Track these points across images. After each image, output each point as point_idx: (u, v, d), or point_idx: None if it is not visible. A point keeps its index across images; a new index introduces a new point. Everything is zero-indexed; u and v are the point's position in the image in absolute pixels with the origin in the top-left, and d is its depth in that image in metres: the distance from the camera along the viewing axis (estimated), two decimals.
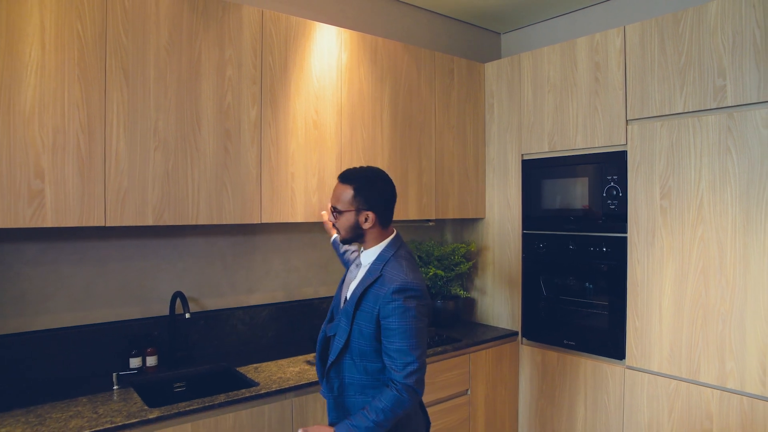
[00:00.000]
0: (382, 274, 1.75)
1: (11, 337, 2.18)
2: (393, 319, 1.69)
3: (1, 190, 1.86)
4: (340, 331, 1.80)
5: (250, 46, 2.39)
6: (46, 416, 1.90)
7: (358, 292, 1.77)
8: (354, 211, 1.79)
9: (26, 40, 1.90)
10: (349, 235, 1.84)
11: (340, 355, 1.79)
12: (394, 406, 1.66)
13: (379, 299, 1.72)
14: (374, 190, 1.80)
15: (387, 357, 1.71)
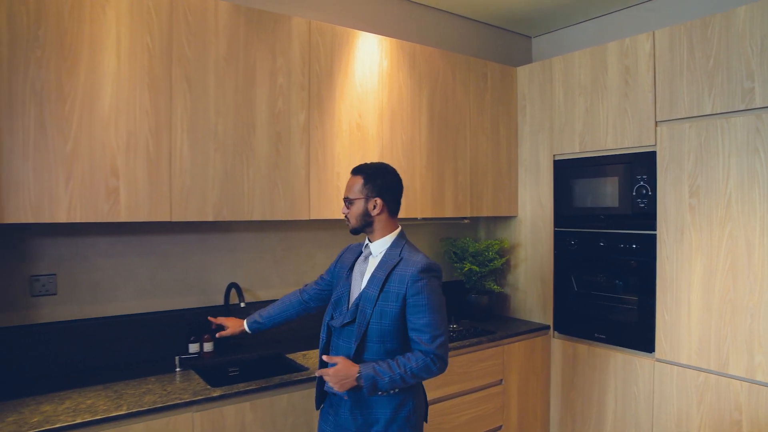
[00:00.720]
0: (402, 257, 1.89)
1: (87, 321, 2.40)
2: (422, 296, 1.82)
3: (83, 187, 2.07)
4: (360, 316, 1.88)
5: (298, 55, 2.57)
6: (122, 392, 2.11)
7: (382, 275, 1.88)
8: (363, 198, 1.92)
9: (105, 53, 2.11)
10: (359, 223, 1.95)
11: (362, 339, 1.87)
12: (421, 370, 1.80)
13: (406, 279, 1.84)
14: (382, 179, 1.94)
15: (415, 332, 1.84)
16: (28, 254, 2.29)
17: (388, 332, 1.86)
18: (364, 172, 1.95)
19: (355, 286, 1.98)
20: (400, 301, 1.84)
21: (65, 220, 2.04)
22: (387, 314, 1.85)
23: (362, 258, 2.01)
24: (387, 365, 1.80)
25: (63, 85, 2.03)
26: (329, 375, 1.81)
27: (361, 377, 1.78)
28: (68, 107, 2.04)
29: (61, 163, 2.03)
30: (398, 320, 1.85)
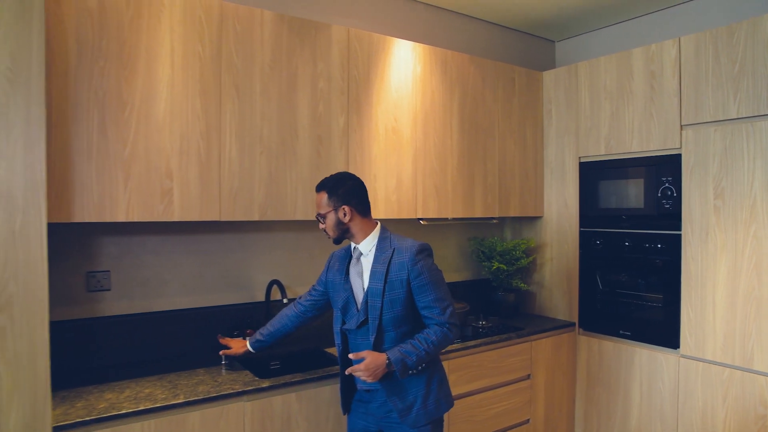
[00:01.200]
0: (394, 248, 2.05)
1: (138, 316, 2.52)
2: (423, 276, 2.00)
3: (141, 188, 2.19)
4: (372, 310, 2.03)
5: (338, 61, 2.68)
6: (176, 382, 2.23)
7: (383, 268, 2.03)
8: (333, 210, 2.06)
9: (160, 61, 2.23)
10: (336, 234, 2.09)
11: (379, 331, 2.03)
12: (441, 341, 1.99)
13: (405, 265, 2.01)
14: (343, 188, 2.07)
15: (426, 309, 2.02)
16: (85, 251, 2.42)
17: (401, 317, 2.03)
18: (325, 186, 2.08)
19: (357, 286, 2.11)
20: (405, 286, 2.01)
21: (124, 220, 2.16)
22: (397, 301, 2.02)
23: (354, 260, 2.14)
24: (410, 345, 1.97)
25: (122, 92, 2.15)
26: (361, 370, 1.93)
27: (391, 362, 1.93)
28: (127, 113, 2.16)
29: (121, 166, 2.15)
30: (407, 304, 2.03)
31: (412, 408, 2.03)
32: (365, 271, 2.10)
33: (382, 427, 2.13)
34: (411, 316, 2.06)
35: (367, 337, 2.05)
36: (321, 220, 2.10)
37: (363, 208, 2.10)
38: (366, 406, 2.14)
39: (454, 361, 2.79)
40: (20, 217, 1.76)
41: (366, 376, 1.93)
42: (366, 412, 2.15)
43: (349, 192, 2.07)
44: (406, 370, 1.95)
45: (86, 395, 2.08)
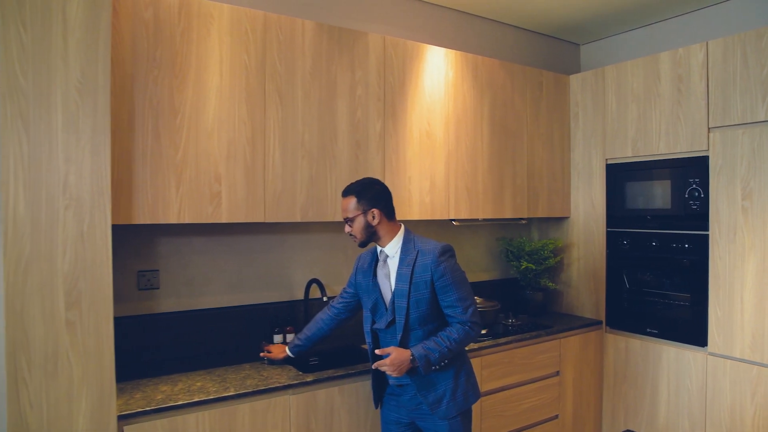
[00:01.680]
0: (418, 250, 2.13)
1: (185, 313, 2.64)
2: (446, 276, 2.08)
3: (191, 191, 2.30)
4: (399, 310, 2.13)
5: (375, 68, 2.78)
6: (224, 376, 2.34)
7: (408, 270, 2.11)
8: (362, 213, 2.13)
9: (209, 71, 2.34)
10: (364, 237, 2.17)
11: (405, 330, 2.12)
12: (463, 338, 2.09)
13: (428, 266, 2.08)
14: (372, 192, 2.15)
15: (449, 308, 2.10)
16: (136, 252, 2.54)
17: (426, 316, 2.12)
18: (353, 191, 2.16)
19: (385, 288, 2.21)
20: (429, 287, 2.10)
21: (176, 221, 2.28)
22: (422, 301, 2.10)
23: (381, 263, 2.23)
24: (433, 342, 2.06)
25: (174, 100, 2.27)
26: (386, 365, 2.04)
27: (415, 358, 2.03)
28: (179, 120, 2.28)
29: (173, 170, 2.27)
30: (432, 304, 2.12)
31: (441, 401, 2.12)
32: (392, 272, 2.18)
33: (413, 418, 2.23)
34: (436, 315, 2.15)
35: (395, 335, 2.15)
36: (349, 223, 2.18)
37: (389, 211, 2.19)
38: (398, 399, 2.25)
39: (486, 357, 2.88)
40: (88, 219, 1.88)
41: (391, 370, 2.04)
42: (398, 404, 2.26)
43: (376, 196, 2.16)
44: (429, 366, 2.05)
45: (143, 387, 2.20)
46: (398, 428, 2.28)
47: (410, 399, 2.20)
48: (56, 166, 1.83)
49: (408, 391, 2.20)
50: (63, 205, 1.84)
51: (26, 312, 1.78)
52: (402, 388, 2.21)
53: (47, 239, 1.82)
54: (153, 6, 2.21)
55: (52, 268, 1.83)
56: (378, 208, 2.15)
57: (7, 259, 1.76)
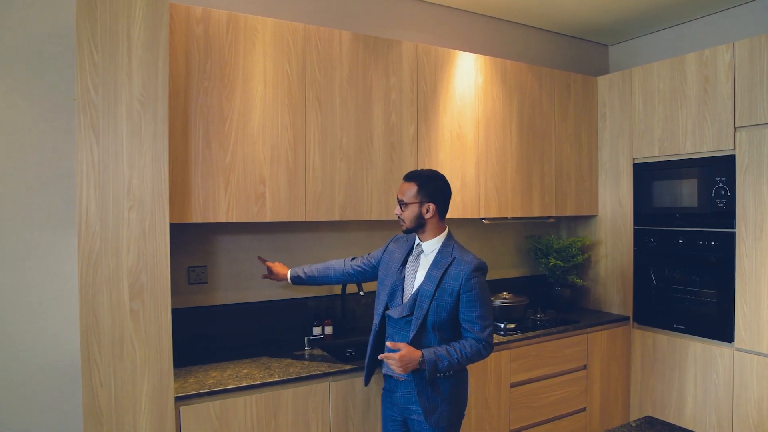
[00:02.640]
0: (455, 257, 2.14)
1: (230, 306, 2.83)
2: (474, 292, 2.09)
3: (238, 193, 2.49)
4: (418, 309, 2.12)
5: (408, 74, 2.93)
6: (268, 364, 2.52)
7: (438, 273, 2.12)
8: (417, 203, 2.15)
9: (254, 80, 2.52)
10: (412, 225, 2.18)
11: (420, 329, 2.12)
12: (474, 355, 2.09)
13: (461, 277, 2.09)
14: (434, 186, 2.17)
15: (468, 323, 2.11)
16: (185, 249, 2.74)
17: (444, 323, 2.13)
18: (418, 178, 2.18)
19: (408, 280, 2.22)
20: (455, 296, 2.10)
21: (224, 220, 2.47)
22: (443, 307, 2.11)
23: (414, 255, 2.24)
24: (445, 350, 2.07)
25: (223, 108, 2.46)
26: (395, 359, 2.03)
27: (425, 361, 2.04)
28: (227, 126, 2.46)
29: (221, 173, 2.45)
30: (453, 312, 2.12)
31: (437, 409, 2.13)
32: (421, 269, 2.20)
33: (405, 415, 2.25)
34: (453, 325, 2.16)
35: (407, 330, 2.16)
36: (402, 207, 2.19)
37: (443, 210, 2.21)
38: (391, 395, 2.27)
39: (514, 350, 3.00)
40: (149, 218, 2.08)
41: (397, 366, 2.04)
42: (391, 402, 2.28)
43: (438, 191, 2.18)
44: (435, 373, 2.07)
45: (195, 373, 2.39)
46: (394, 425, 2.30)
47: (402, 397, 2.21)
48: (121, 171, 2.03)
49: (401, 388, 2.21)
50: (127, 206, 2.04)
51: (97, 301, 1.99)
52: (395, 382, 2.24)
53: (114, 237, 2.02)
54: (203, 22, 2.40)
55: (118, 262, 2.03)
56: (435, 203, 2.16)
57: (80, 254, 1.97)
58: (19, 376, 2.39)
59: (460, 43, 3.58)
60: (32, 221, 2.41)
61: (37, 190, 2.42)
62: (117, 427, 2.02)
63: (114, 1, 2.01)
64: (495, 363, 2.93)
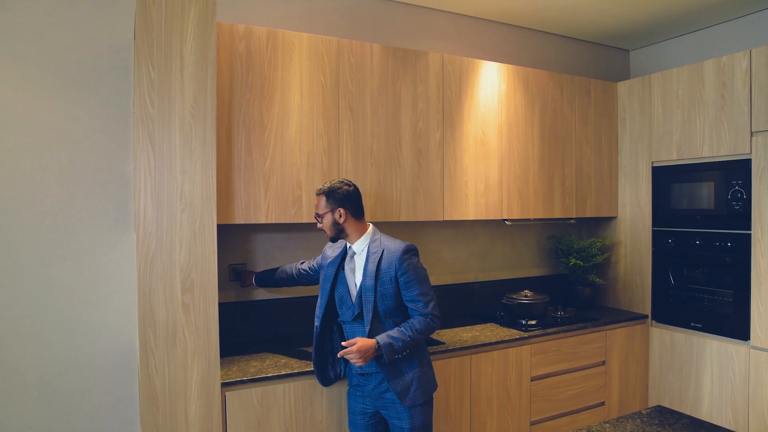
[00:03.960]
0: (384, 248, 2.32)
1: (268, 301, 3.04)
2: (410, 273, 2.28)
3: (277, 196, 2.68)
4: (366, 303, 2.30)
5: (434, 84, 3.10)
6: (305, 355, 2.72)
7: (374, 267, 2.29)
8: (330, 212, 2.35)
9: (292, 91, 2.72)
10: (333, 233, 2.38)
11: (373, 322, 2.29)
12: (424, 328, 2.27)
13: (393, 263, 2.28)
14: (339, 193, 2.34)
15: (412, 302, 2.30)
16: (227, 247, 2.95)
17: (392, 309, 2.32)
18: (323, 191, 2.37)
19: (350, 282, 2.40)
20: (394, 282, 2.29)
21: (264, 222, 2.66)
22: (387, 295, 2.30)
23: (348, 258, 2.42)
24: (397, 331, 2.25)
25: (263, 118, 2.65)
26: (353, 353, 2.19)
27: (380, 346, 2.21)
28: (267, 135, 2.66)
29: (262, 178, 2.65)
30: (397, 298, 2.31)
31: (409, 389, 2.29)
32: (358, 268, 2.38)
33: (377, 407, 2.39)
34: (401, 309, 2.34)
35: (363, 328, 2.31)
36: (319, 220, 2.39)
37: (356, 211, 2.38)
38: (362, 389, 2.40)
39: (534, 345, 3.15)
40: (198, 220, 2.29)
41: (357, 357, 2.18)
42: (363, 394, 2.41)
43: (344, 196, 2.35)
44: (393, 354, 2.23)
45: (237, 362, 2.60)
46: (364, 418, 2.42)
47: (374, 388, 2.35)
48: (174, 177, 2.24)
49: (372, 381, 2.35)
50: (180, 209, 2.25)
51: (153, 295, 2.20)
52: (366, 377, 2.37)
53: (168, 237, 2.23)
54: (245, 39, 2.60)
55: (171, 260, 2.24)
56: (345, 207, 2.34)
57: (138, 253, 2.18)
58: (77, 364, 2.62)
59: (484, 51, 3.74)
60: (90, 222, 2.64)
61: (94, 194, 2.65)
62: (170, 409, 2.23)
63: (169, 23, 2.21)
64: (516, 357, 3.08)
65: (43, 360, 2.55)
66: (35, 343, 2.53)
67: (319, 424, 2.54)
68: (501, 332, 3.18)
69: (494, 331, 3.20)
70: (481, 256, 3.75)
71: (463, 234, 3.66)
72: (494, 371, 2.99)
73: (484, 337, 3.07)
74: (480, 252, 3.74)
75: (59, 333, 2.58)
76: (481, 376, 2.97)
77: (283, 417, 2.46)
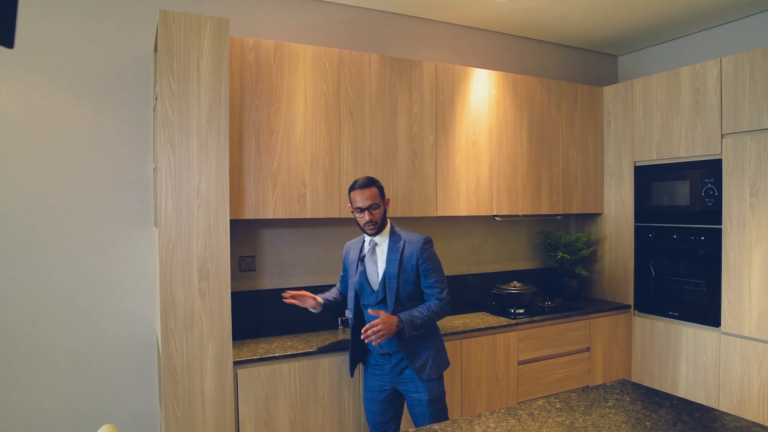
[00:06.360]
0: (404, 240, 2.57)
1: (275, 291, 3.30)
2: (429, 262, 2.55)
3: (284, 194, 2.95)
4: (389, 289, 2.53)
5: (428, 90, 3.36)
6: (308, 339, 2.99)
7: (397, 255, 2.54)
8: (382, 203, 2.57)
9: (297, 98, 2.98)
10: (382, 222, 2.58)
11: (395, 305, 2.52)
12: (440, 311, 2.53)
13: (415, 252, 2.53)
14: (382, 186, 2.60)
15: (429, 288, 2.56)
16: (237, 241, 3.22)
17: (412, 294, 2.56)
18: (375, 183, 2.57)
19: (371, 272, 2.60)
20: (415, 270, 2.55)
21: (272, 217, 2.93)
22: (409, 281, 2.55)
23: (370, 250, 2.62)
24: (416, 311, 2.49)
25: (271, 123, 2.92)
26: (379, 325, 2.38)
27: (402, 321, 2.44)
28: (274, 138, 2.93)
29: (270, 178, 2.92)
30: (417, 284, 2.57)
31: (426, 365, 2.53)
32: (379, 258, 2.59)
33: (395, 384, 2.61)
34: (419, 294, 2.59)
35: (386, 310, 2.53)
36: (372, 211, 2.53)
37: None
38: (381, 368, 2.63)
39: (522, 331, 3.41)
40: (213, 215, 2.56)
41: (383, 328, 2.37)
42: (381, 373, 2.63)
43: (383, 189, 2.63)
44: (412, 329, 2.45)
45: (247, 345, 2.87)
46: (381, 395, 2.64)
47: (393, 366, 2.58)
48: (192, 177, 2.51)
49: (392, 360, 2.58)
50: (197, 205, 2.52)
51: (173, 281, 2.48)
52: (386, 357, 2.59)
53: (186, 230, 2.51)
54: (255, 51, 2.87)
55: (189, 251, 2.52)
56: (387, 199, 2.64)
57: (160, 244, 2.46)
58: (104, 346, 2.90)
59: (475, 58, 3.99)
60: (113, 217, 2.92)
61: (117, 191, 2.93)
62: (189, 384, 2.51)
63: (187, 39, 2.49)
64: (504, 342, 3.34)
65: (74, 342, 2.83)
66: (67, 327, 2.82)
67: (321, 399, 2.81)
68: (490, 319, 3.44)
69: (484, 319, 3.46)
70: (474, 250, 4.01)
71: (458, 229, 3.92)
72: (483, 355, 3.25)
73: (474, 323, 3.33)
74: (473, 246, 4.00)
75: (88, 318, 2.86)
76: (471, 359, 3.23)
77: (288, 392, 2.73)
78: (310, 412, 2.79)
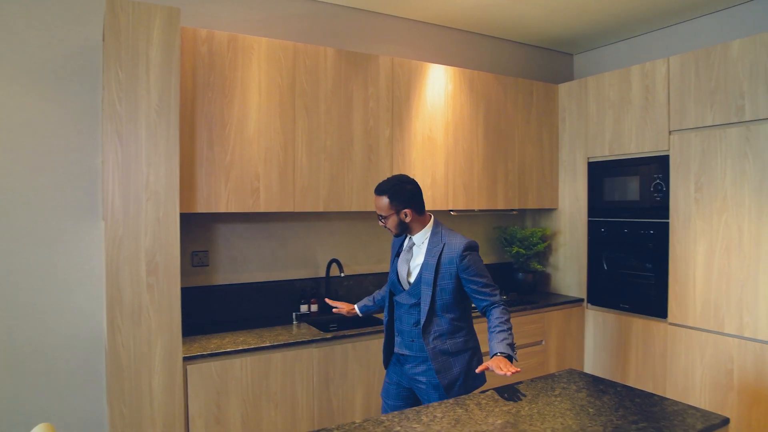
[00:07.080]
0: (445, 243, 2.29)
1: (228, 286, 3.27)
2: (471, 269, 2.26)
3: (236, 187, 2.92)
4: (423, 296, 2.28)
5: (384, 85, 3.36)
6: (261, 334, 2.96)
7: (434, 261, 2.27)
8: (395, 213, 2.31)
9: (251, 91, 2.95)
10: (398, 231, 2.35)
11: (429, 314, 2.28)
12: (509, 315, 2.28)
13: (454, 260, 2.25)
14: (404, 194, 2.30)
15: (479, 294, 2.27)
16: (189, 236, 3.16)
17: (450, 304, 2.31)
18: (387, 191, 2.30)
19: (402, 271, 2.40)
20: (454, 278, 2.27)
21: (225, 211, 2.90)
22: (446, 290, 2.29)
23: (407, 247, 2.41)
24: (503, 334, 2.19)
25: (224, 115, 2.88)
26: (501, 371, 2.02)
27: (509, 356, 2.13)
28: (227, 131, 2.89)
29: (222, 171, 2.88)
30: (455, 293, 2.29)
31: (455, 384, 2.28)
32: (414, 259, 2.38)
33: (411, 386, 2.42)
34: (458, 304, 2.31)
35: (415, 314, 2.33)
36: (383, 220, 2.35)
37: (420, 207, 2.36)
38: (401, 366, 2.45)
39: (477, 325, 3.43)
40: (162, 208, 2.51)
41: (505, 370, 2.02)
42: (401, 371, 2.46)
43: (408, 197, 2.31)
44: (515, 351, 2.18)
45: (198, 340, 2.83)
46: (398, 389, 2.47)
47: (411, 368, 2.38)
48: (141, 169, 2.46)
49: (408, 362, 2.38)
50: (145, 198, 2.47)
51: (120, 276, 2.42)
52: (404, 357, 2.41)
53: (134, 223, 2.45)
54: (208, 42, 2.83)
55: (137, 244, 2.46)
56: (410, 207, 2.31)
57: (107, 238, 2.40)
58: (47, 343, 2.82)
59: (433, 54, 4.02)
60: (60, 211, 2.84)
61: (64, 185, 2.85)
62: (136, 381, 2.45)
63: (136, 28, 2.43)
64: None
65: (15, 340, 2.74)
66: (6, 326, 2.72)
67: (273, 395, 2.79)
68: None
69: None
70: None
71: None
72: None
73: None
74: None
75: (31, 316, 2.77)
76: None
77: (240, 388, 2.70)
78: (262, 407, 2.76)
